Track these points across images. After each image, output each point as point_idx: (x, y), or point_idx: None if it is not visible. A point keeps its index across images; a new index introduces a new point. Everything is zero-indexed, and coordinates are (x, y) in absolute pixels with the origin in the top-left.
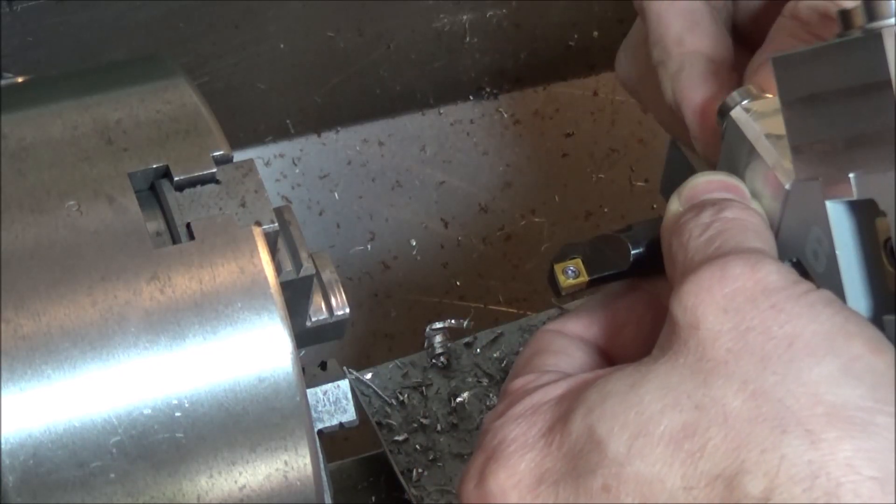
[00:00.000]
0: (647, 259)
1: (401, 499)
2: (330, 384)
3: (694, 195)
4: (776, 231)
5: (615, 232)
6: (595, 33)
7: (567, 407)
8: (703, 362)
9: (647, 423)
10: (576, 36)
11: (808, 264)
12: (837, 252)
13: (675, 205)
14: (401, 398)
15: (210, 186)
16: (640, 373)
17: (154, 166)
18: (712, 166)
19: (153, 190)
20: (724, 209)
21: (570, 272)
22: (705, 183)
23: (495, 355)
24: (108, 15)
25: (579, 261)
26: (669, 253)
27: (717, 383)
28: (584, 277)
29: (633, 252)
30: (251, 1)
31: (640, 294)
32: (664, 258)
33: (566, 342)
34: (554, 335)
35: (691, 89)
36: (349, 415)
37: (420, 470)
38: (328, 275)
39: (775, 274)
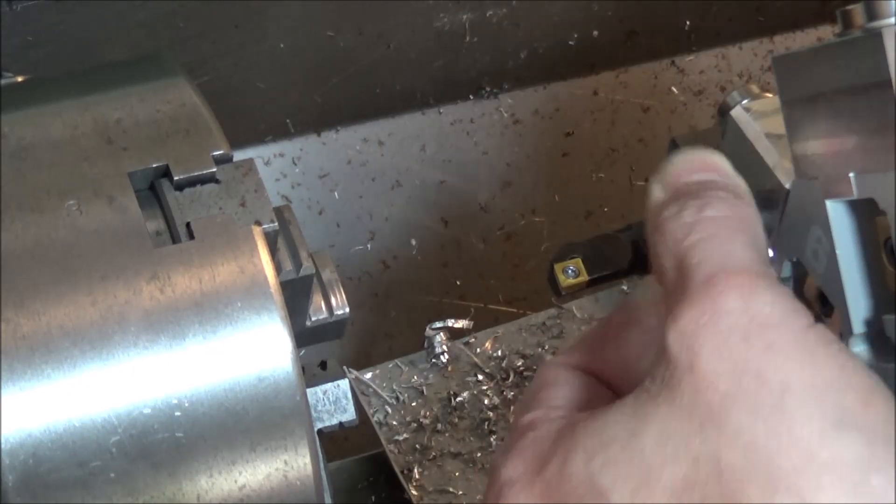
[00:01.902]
0: (646, 259)
1: (401, 498)
2: (330, 384)
3: (675, 178)
4: (776, 231)
5: (615, 232)
6: (595, 33)
7: (566, 446)
8: (698, 407)
9: (649, 475)
10: (576, 36)
11: (808, 264)
12: (837, 252)
13: (656, 191)
14: (401, 398)
15: (210, 186)
16: (639, 418)
17: (154, 166)
18: None
19: (153, 189)
20: (706, 206)
21: (570, 272)
22: (685, 163)
23: (495, 355)
24: (108, 15)
25: (579, 260)
26: (654, 252)
27: (712, 435)
28: (584, 277)
29: (632, 252)
30: (251, 1)
31: (640, 325)
32: (650, 252)
33: (570, 374)
34: (558, 368)
35: None
36: (349, 414)
37: (420, 469)
38: (328, 274)
39: (770, 305)
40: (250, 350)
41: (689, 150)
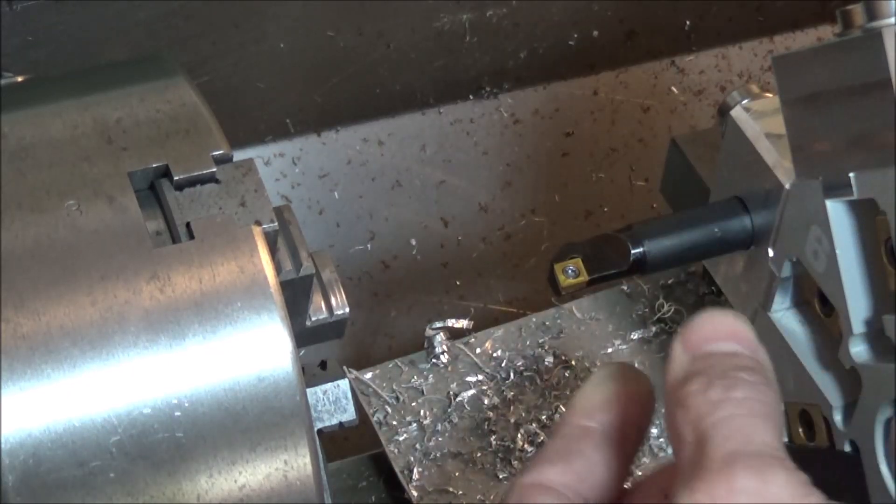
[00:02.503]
0: (647, 260)
1: (401, 498)
2: (330, 384)
3: (700, 343)
4: (776, 231)
5: (615, 232)
6: (595, 33)
7: None
8: None
9: None
10: (576, 35)
11: (808, 264)
12: (837, 252)
13: (678, 351)
14: (401, 398)
15: (210, 186)
16: None
17: (154, 166)
18: (712, 165)
19: (153, 189)
20: (734, 386)
21: (569, 272)
22: (712, 330)
23: (495, 355)
24: (108, 15)
25: (579, 260)
26: (674, 422)
27: None
28: (584, 277)
29: (632, 252)
30: (251, 1)
31: (596, 434)
32: (666, 420)
33: (548, 500)
34: (534, 491)
35: None
36: (349, 414)
37: (420, 469)
38: (328, 274)
39: (784, 488)
40: (250, 350)
41: (714, 313)
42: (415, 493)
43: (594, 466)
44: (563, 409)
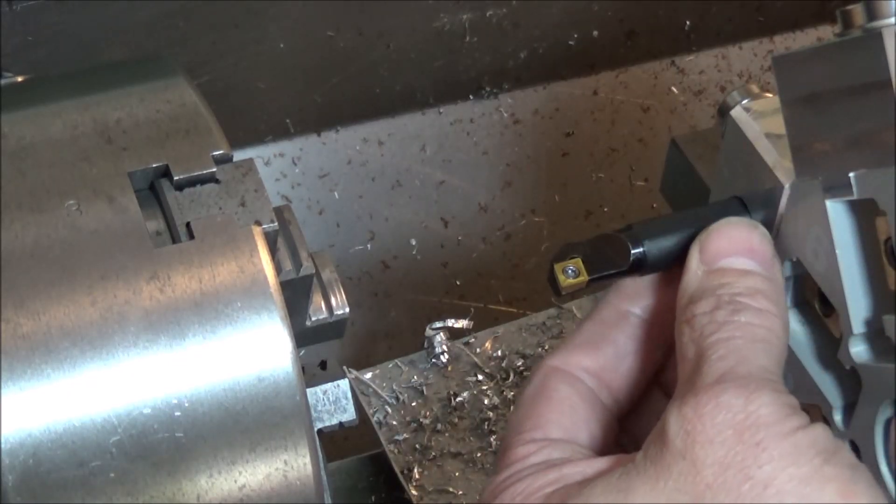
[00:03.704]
0: (647, 260)
1: (401, 498)
2: (330, 384)
3: (716, 255)
4: (776, 231)
5: (615, 231)
6: (595, 33)
7: None
8: (682, 493)
9: None
10: (576, 36)
11: (808, 264)
12: (837, 252)
13: (695, 263)
14: (401, 398)
15: (210, 186)
16: (622, 489)
17: (154, 166)
18: (712, 165)
19: (153, 189)
20: (740, 310)
21: (569, 272)
22: (729, 242)
23: (495, 355)
24: (108, 15)
25: (579, 260)
26: (681, 338)
27: None
28: (584, 277)
29: (632, 252)
30: (251, 1)
31: (636, 323)
32: (675, 333)
33: (568, 390)
34: (558, 375)
35: None
36: (349, 414)
37: (420, 469)
38: (328, 274)
39: (768, 407)
40: (250, 350)
41: (732, 222)
42: (415, 493)
43: (624, 357)
44: None
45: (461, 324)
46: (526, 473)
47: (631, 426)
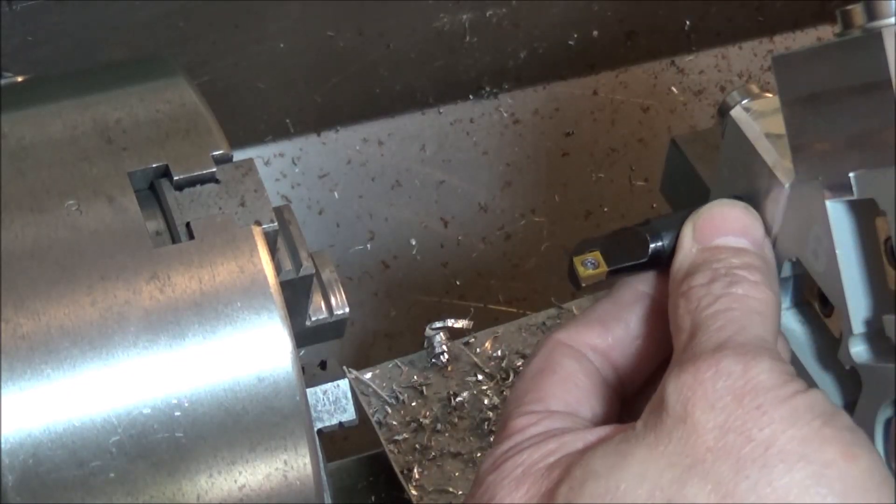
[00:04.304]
0: (665, 252)
1: (400, 498)
2: (330, 384)
3: (710, 234)
4: (776, 231)
5: (634, 226)
6: (595, 33)
7: (555, 480)
8: (682, 457)
9: None
10: (576, 36)
11: (808, 264)
12: (837, 252)
13: (688, 240)
14: (400, 398)
15: (210, 186)
16: (621, 453)
17: (154, 166)
18: (712, 165)
19: (153, 189)
20: (736, 283)
21: (589, 263)
22: (722, 221)
23: (495, 355)
24: (108, 15)
25: (598, 253)
26: (675, 311)
27: (693, 481)
28: (604, 268)
29: (651, 245)
30: (251, 1)
31: (650, 304)
32: (670, 308)
33: (573, 366)
34: (564, 350)
35: None
36: (349, 414)
37: (420, 469)
38: (328, 274)
39: (767, 373)
40: (250, 350)
41: (725, 203)
42: (415, 493)
43: (634, 339)
44: None
45: (461, 324)
46: (527, 444)
47: (636, 409)
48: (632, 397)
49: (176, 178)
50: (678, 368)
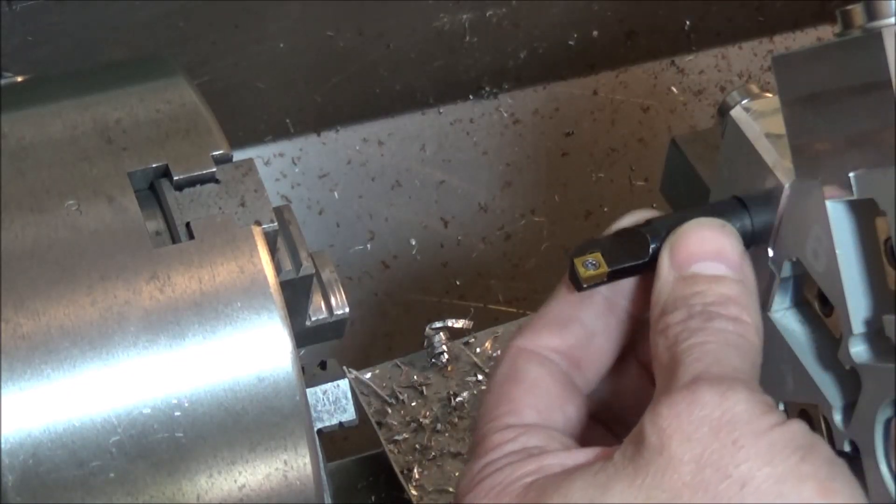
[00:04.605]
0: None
1: (400, 498)
2: (330, 384)
3: (686, 259)
4: (776, 231)
5: (635, 226)
6: (595, 33)
7: (532, 501)
8: (659, 490)
9: None
10: (576, 36)
11: (808, 264)
12: (837, 252)
13: (665, 267)
14: (400, 398)
15: (210, 186)
16: (600, 485)
17: (154, 166)
18: (712, 165)
19: (153, 189)
20: (713, 318)
21: (589, 264)
22: (699, 246)
23: (495, 355)
24: (108, 15)
25: (599, 254)
26: (656, 349)
27: None
28: (604, 269)
29: (651, 245)
30: (251, 1)
31: (600, 301)
32: (651, 345)
33: (539, 371)
34: (527, 357)
35: None
36: (349, 414)
37: (420, 469)
38: (328, 274)
39: (743, 403)
40: (250, 350)
41: (701, 224)
42: (415, 493)
43: (592, 335)
44: None
45: (461, 324)
46: (504, 463)
47: (610, 402)
48: (605, 392)
49: (176, 178)
50: (655, 402)
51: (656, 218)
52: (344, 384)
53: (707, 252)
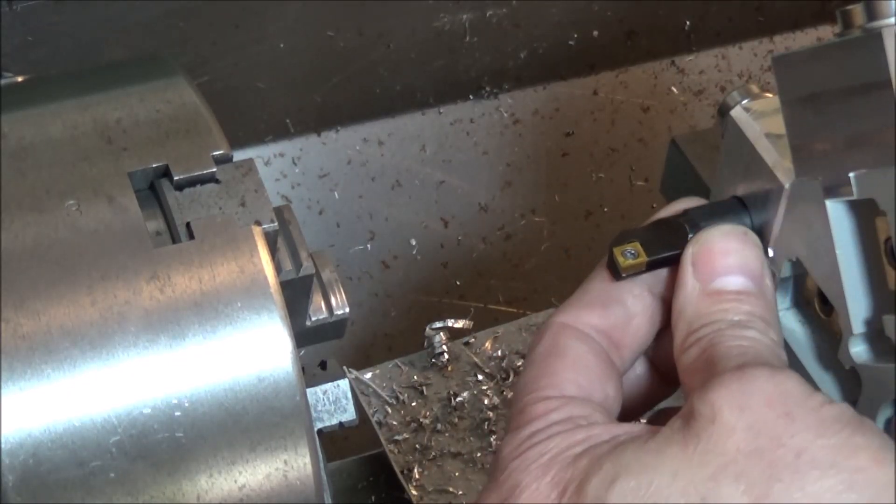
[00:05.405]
0: None
1: (400, 498)
2: (330, 384)
3: (710, 272)
4: (776, 231)
5: (671, 217)
6: (595, 33)
7: (583, 471)
8: (713, 455)
9: None
10: (576, 36)
11: (808, 264)
12: (837, 252)
13: (689, 278)
14: (400, 398)
15: (210, 186)
16: (653, 451)
17: (154, 166)
18: (712, 165)
19: (153, 189)
20: (748, 326)
21: (628, 254)
22: (722, 255)
23: (495, 355)
24: (108, 15)
25: (637, 243)
26: (686, 357)
27: (726, 481)
28: (643, 258)
29: (689, 235)
30: (251, 1)
31: (641, 285)
32: (677, 357)
33: (581, 348)
34: (569, 333)
35: None
36: (349, 414)
37: (420, 469)
38: (328, 274)
39: (794, 381)
40: (250, 350)
41: (725, 234)
42: (415, 493)
43: (632, 317)
44: None
45: (461, 324)
46: (553, 432)
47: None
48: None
49: (176, 178)
50: (704, 389)
51: (694, 208)
52: (344, 384)
53: (732, 266)
